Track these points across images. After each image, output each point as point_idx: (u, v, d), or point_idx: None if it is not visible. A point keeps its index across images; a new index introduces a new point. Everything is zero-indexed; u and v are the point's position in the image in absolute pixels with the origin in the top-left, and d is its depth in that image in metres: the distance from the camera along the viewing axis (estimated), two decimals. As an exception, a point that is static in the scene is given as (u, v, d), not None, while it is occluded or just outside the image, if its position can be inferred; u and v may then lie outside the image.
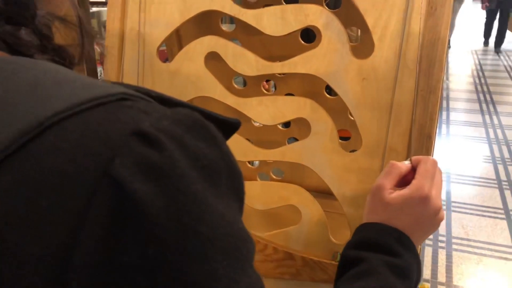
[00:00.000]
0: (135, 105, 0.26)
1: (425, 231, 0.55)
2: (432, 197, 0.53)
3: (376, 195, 0.55)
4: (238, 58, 0.73)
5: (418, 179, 0.54)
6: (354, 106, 0.67)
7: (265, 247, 0.72)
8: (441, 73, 0.62)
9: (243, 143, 0.74)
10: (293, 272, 0.70)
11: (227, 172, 0.28)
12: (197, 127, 0.27)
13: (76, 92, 0.26)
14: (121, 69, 0.79)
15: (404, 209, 0.53)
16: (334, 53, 0.68)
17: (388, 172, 0.56)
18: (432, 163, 0.55)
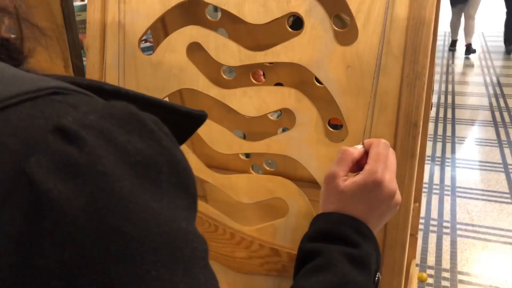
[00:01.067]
0: (65, 99, 0.25)
1: (382, 215, 0.54)
2: (385, 181, 0.52)
3: (329, 184, 0.54)
4: (220, 48, 0.71)
5: (370, 163, 0.53)
6: (338, 94, 0.65)
7: (250, 243, 0.70)
8: (426, 59, 0.60)
9: (227, 136, 0.73)
10: (279, 268, 0.69)
11: (169, 168, 0.26)
12: (131, 121, 0.25)
13: (1, 87, 0.24)
14: (104, 61, 0.78)
15: (359, 196, 0.52)
16: (318, 40, 0.65)
17: (340, 159, 0.55)
18: (384, 146, 0.54)
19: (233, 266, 0.72)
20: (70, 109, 0.24)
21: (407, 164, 0.62)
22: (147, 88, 0.76)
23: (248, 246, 0.71)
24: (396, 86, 0.62)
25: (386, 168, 0.53)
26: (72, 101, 0.25)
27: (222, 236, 0.72)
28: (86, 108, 0.25)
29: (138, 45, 0.76)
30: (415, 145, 0.61)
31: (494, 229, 2.25)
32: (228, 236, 0.72)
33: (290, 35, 0.85)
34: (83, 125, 0.24)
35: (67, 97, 0.25)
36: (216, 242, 0.73)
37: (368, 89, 0.63)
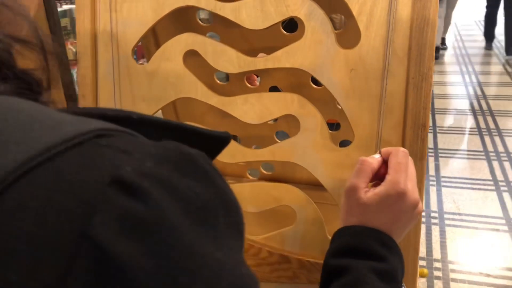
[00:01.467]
0: (113, 144, 0.23)
1: (405, 226, 0.53)
2: (409, 191, 0.51)
3: (351, 197, 0.53)
4: (218, 55, 0.69)
5: (392, 174, 0.52)
6: (343, 98, 0.64)
7: (259, 250, 0.69)
8: (432, 59, 0.59)
9: (230, 145, 0.71)
10: (289, 275, 0.68)
11: (224, 209, 0.25)
12: (185, 162, 0.24)
13: (43, 135, 0.22)
14: (96, 72, 0.75)
15: (382, 208, 0.51)
16: (319, 44, 0.64)
17: (360, 170, 0.54)
18: (403, 154, 0.53)
19: None
20: (122, 156, 0.22)
21: (417, 166, 0.61)
22: (143, 98, 0.73)
23: (257, 254, 0.69)
24: (402, 88, 0.61)
25: (408, 177, 0.52)
26: (121, 145, 0.23)
27: None
28: (140, 153, 0.23)
29: (131, 54, 0.73)
30: (424, 146, 0.61)
31: (480, 216, 2.29)
32: None
33: (285, 38, 0.84)
34: (142, 174, 0.22)
35: (113, 140, 0.23)
36: None
37: (373, 92, 0.63)
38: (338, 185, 0.66)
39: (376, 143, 0.63)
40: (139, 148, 0.23)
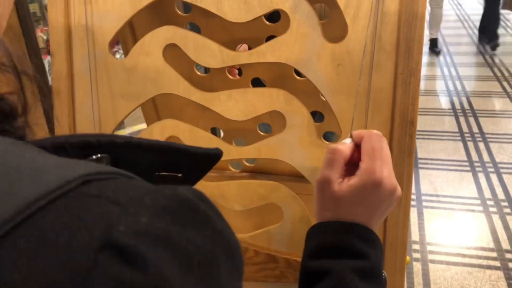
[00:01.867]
0: (103, 193, 0.20)
1: (383, 213, 0.50)
2: (385, 178, 0.47)
3: (324, 190, 0.49)
4: (200, 49, 0.66)
5: (366, 162, 0.48)
6: (330, 93, 0.63)
7: (245, 250, 0.68)
8: (421, 54, 0.58)
9: (215, 143, 0.69)
10: (277, 274, 0.67)
11: (225, 254, 0.23)
12: (184, 211, 0.22)
13: (21, 188, 0.19)
14: (71, 69, 0.72)
15: (358, 199, 0.48)
16: (305, 38, 0.62)
17: (332, 160, 0.50)
18: (376, 138, 0.50)
19: None
20: (114, 210, 0.20)
21: (405, 162, 0.61)
22: (122, 94, 0.70)
23: (243, 253, 0.68)
24: (390, 84, 0.60)
25: (383, 163, 0.48)
26: (111, 195, 0.20)
27: None
28: (133, 206, 0.20)
29: (108, 49, 0.70)
30: (412, 143, 0.60)
31: (457, 197, 2.33)
32: None
33: (268, 28, 0.81)
34: (138, 233, 0.19)
35: (102, 187, 0.21)
36: None
37: (360, 87, 0.61)
38: (326, 182, 0.65)
39: (364, 139, 0.62)
40: (132, 198, 0.21)
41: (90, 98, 0.72)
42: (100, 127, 0.72)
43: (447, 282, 1.80)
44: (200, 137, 0.69)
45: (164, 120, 0.70)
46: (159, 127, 0.70)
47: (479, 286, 1.77)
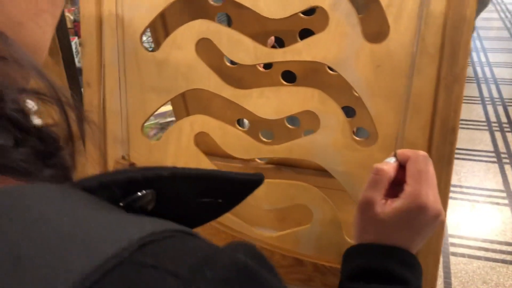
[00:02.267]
0: (160, 263, 0.19)
1: (425, 238, 0.49)
2: (430, 203, 0.46)
3: (366, 212, 0.48)
4: (234, 45, 0.65)
5: (411, 185, 0.47)
6: (367, 96, 0.61)
7: (271, 254, 0.67)
8: (466, 59, 0.55)
9: (244, 140, 0.67)
10: (303, 278, 0.66)
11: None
12: (245, 281, 0.20)
13: (75, 258, 0.18)
14: (102, 60, 0.70)
15: (402, 223, 0.46)
16: (344, 37, 0.60)
17: (375, 181, 0.48)
18: (423, 160, 0.48)
19: None
20: (173, 284, 0.18)
21: (443, 171, 0.59)
22: (153, 88, 0.69)
23: (269, 257, 0.67)
24: (431, 88, 0.58)
25: (429, 187, 0.47)
26: (169, 264, 0.19)
27: None
28: (193, 278, 0.19)
29: (139, 41, 0.68)
30: (452, 151, 0.58)
31: (481, 189, 2.29)
32: None
33: (302, 21, 0.79)
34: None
35: (159, 253, 0.19)
36: None
37: (400, 90, 0.59)
38: (359, 186, 0.63)
39: (401, 144, 0.60)
40: (191, 268, 0.19)
41: (118, 90, 0.71)
42: (127, 120, 0.71)
43: (468, 276, 1.78)
44: (230, 134, 0.68)
45: (194, 116, 0.69)
46: (188, 123, 0.69)
47: (501, 282, 1.74)
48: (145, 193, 0.25)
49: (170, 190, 0.27)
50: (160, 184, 0.26)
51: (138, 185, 0.25)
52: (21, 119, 0.23)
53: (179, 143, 0.70)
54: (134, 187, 0.25)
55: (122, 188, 0.24)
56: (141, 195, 0.25)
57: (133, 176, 0.24)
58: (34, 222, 0.18)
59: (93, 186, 0.23)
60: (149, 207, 0.26)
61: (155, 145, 0.71)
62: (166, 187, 0.26)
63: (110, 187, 0.24)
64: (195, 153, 0.70)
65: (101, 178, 0.24)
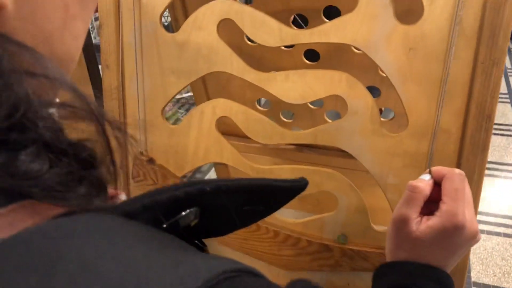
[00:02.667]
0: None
1: (460, 257, 0.48)
2: (467, 223, 0.45)
3: (401, 229, 0.47)
4: (257, 26, 0.62)
5: (448, 203, 0.45)
6: (399, 80, 0.58)
7: (298, 240, 0.66)
8: (506, 43, 0.52)
9: (267, 125, 0.65)
10: (332, 263, 0.65)
11: None
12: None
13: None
14: (120, 41, 0.68)
15: (437, 242, 0.45)
16: (374, 18, 0.57)
17: (411, 199, 0.47)
18: (459, 178, 0.47)
19: (280, 264, 0.68)
20: None
21: (477, 158, 0.56)
22: (173, 70, 0.67)
23: (295, 244, 0.66)
24: (467, 73, 0.54)
25: (466, 206, 0.45)
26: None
27: (266, 235, 0.67)
28: None
29: (159, 21, 0.66)
30: (488, 138, 0.55)
31: (502, 164, 2.25)
32: (271, 235, 0.67)
33: None
34: None
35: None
36: (260, 241, 0.68)
37: (434, 75, 0.56)
38: (387, 173, 0.61)
39: (432, 131, 0.57)
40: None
41: (137, 72, 0.68)
42: (145, 103, 0.69)
43: (487, 252, 1.77)
44: (253, 119, 0.66)
45: (216, 100, 0.67)
46: (210, 106, 0.67)
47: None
48: (189, 212, 0.24)
49: (214, 203, 0.25)
50: (205, 199, 0.24)
51: (181, 204, 0.23)
52: (56, 140, 0.22)
53: (201, 128, 0.68)
54: (177, 206, 0.23)
55: (164, 209, 0.23)
56: (184, 215, 0.23)
57: (175, 195, 0.23)
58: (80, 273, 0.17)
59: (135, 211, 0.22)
60: (192, 224, 0.25)
61: (175, 129, 0.69)
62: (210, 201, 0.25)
63: (153, 209, 0.22)
64: (217, 138, 0.68)
65: (143, 200, 0.22)
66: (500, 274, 1.67)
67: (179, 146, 0.70)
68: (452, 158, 0.58)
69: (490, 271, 1.68)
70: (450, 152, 0.58)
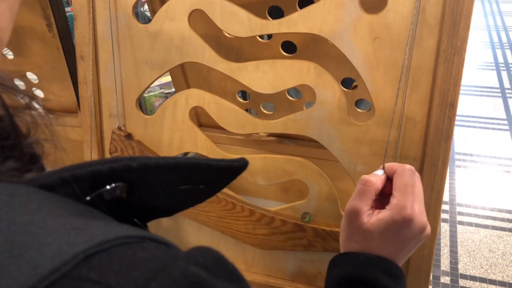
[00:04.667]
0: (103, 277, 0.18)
1: (410, 251, 0.49)
2: (416, 216, 0.46)
3: (353, 221, 0.48)
4: (228, 17, 0.62)
5: (398, 197, 0.47)
6: (364, 69, 0.59)
7: (272, 220, 0.67)
8: (467, 31, 0.53)
9: (239, 115, 0.66)
10: (304, 243, 0.66)
11: None
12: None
13: (17, 273, 0.17)
14: (94, 33, 0.69)
15: (387, 234, 0.46)
16: (341, 8, 0.57)
17: (363, 191, 0.48)
18: (409, 174, 0.48)
19: (254, 243, 0.69)
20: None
21: (441, 146, 0.57)
22: (146, 61, 0.68)
23: (270, 223, 0.67)
24: (431, 61, 0.55)
25: (415, 200, 0.47)
26: (113, 281, 0.18)
27: (241, 213, 0.68)
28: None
29: (132, 12, 0.67)
30: (451, 126, 0.56)
31: (492, 158, 2.26)
32: (247, 213, 0.68)
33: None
34: None
35: (104, 266, 0.18)
36: (235, 220, 0.69)
37: (398, 63, 0.57)
38: (355, 161, 0.62)
39: (398, 119, 0.58)
40: (137, 283, 0.18)
41: (112, 63, 0.69)
42: (122, 94, 0.70)
43: (475, 244, 1.78)
44: (226, 108, 0.66)
45: (189, 89, 0.68)
46: (183, 96, 0.68)
47: (508, 250, 1.74)
48: (113, 187, 0.24)
49: (144, 180, 0.26)
50: (131, 176, 0.25)
51: (106, 178, 0.24)
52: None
53: (175, 118, 0.69)
54: (101, 180, 0.24)
55: (87, 182, 0.23)
56: (109, 189, 0.24)
57: (97, 170, 0.23)
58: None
59: (52, 183, 0.22)
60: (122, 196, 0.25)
61: (150, 119, 0.70)
62: (138, 178, 0.25)
63: (74, 182, 0.23)
64: (190, 127, 0.69)
65: (61, 174, 0.23)
66: (487, 266, 1.68)
67: (154, 136, 0.71)
68: (417, 146, 0.58)
69: (477, 263, 1.70)
70: (415, 140, 0.58)
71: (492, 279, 1.63)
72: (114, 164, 0.24)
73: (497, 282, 1.61)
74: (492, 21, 3.93)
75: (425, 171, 0.58)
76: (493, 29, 3.77)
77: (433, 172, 0.58)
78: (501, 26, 3.81)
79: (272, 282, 0.71)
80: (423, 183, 0.58)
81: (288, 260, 0.71)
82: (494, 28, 3.79)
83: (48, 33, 0.93)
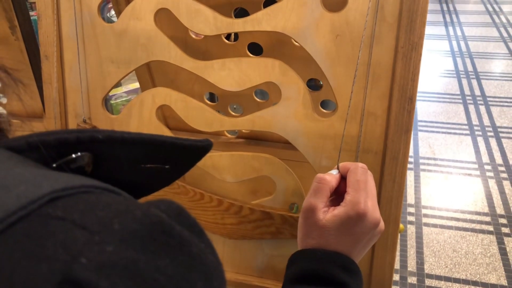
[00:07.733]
0: (68, 214, 0.18)
1: (365, 246, 0.51)
2: (369, 211, 0.48)
3: (309, 218, 0.50)
4: (193, 15, 0.63)
5: (351, 194, 0.49)
6: (327, 66, 0.60)
7: (240, 209, 0.67)
8: (423, 28, 0.55)
9: (207, 112, 0.67)
10: (273, 231, 0.67)
11: (203, 278, 0.21)
12: (155, 235, 0.20)
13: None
14: (59, 32, 0.69)
15: (342, 230, 0.48)
16: (303, 6, 0.59)
17: (318, 189, 0.50)
18: (362, 171, 0.51)
19: (223, 233, 0.70)
20: (78, 236, 0.18)
21: (402, 139, 0.59)
22: (112, 60, 0.68)
23: (238, 212, 0.68)
24: (390, 57, 0.58)
25: (368, 196, 0.49)
26: (77, 217, 0.18)
27: (209, 203, 0.69)
28: (100, 232, 0.18)
29: (97, 11, 0.67)
30: (410, 119, 0.58)
31: (454, 161, 2.33)
32: (215, 203, 0.68)
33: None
34: (101, 266, 0.17)
35: (69, 206, 0.19)
36: (203, 210, 0.69)
37: (360, 60, 0.59)
38: (320, 156, 0.63)
39: (360, 114, 0.60)
40: (100, 221, 0.19)
41: (77, 62, 0.69)
42: (88, 94, 0.70)
43: (439, 245, 1.83)
44: (193, 107, 0.67)
45: (156, 88, 0.68)
46: (150, 95, 0.68)
47: (470, 249, 1.79)
48: (79, 155, 0.25)
49: (109, 154, 0.26)
50: (97, 148, 0.25)
51: (72, 147, 0.24)
52: None
53: (141, 117, 0.69)
54: (67, 149, 0.24)
55: (53, 150, 0.24)
56: (75, 157, 0.24)
57: (65, 138, 0.24)
58: None
59: (19, 146, 0.23)
60: (87, 169, 0.25)
61: (116, 119, 0.70)
62: (103, 150, 0.26)
63: (38, 148, 0.23)
64: (158, 127, 0.69)
65: (29, 138, 0.23)
66: (452, 265, 1.73)
67: (121, 136, 0.71)
68: (379, 140, 0.60)
69: (442, 263, 1.74)
70: (377, 134, 0.60)
71: (456, 278, 1.67)
72: (80, 134, 0.24)
73: (461, 280, 1.66)
74: (452, 31, 4.07)
75: (386, 164, 0.60)
76: (453, 38, 3.90)
77: (394, 164, 0.60)
78: (461, 36, 3.95)
79: (241, 279, 0.72)
80: (385, 176, 0.61)
81: (257, 256, 0.72)
82: (454, 37, 3.92)
83: (11, 36, 0.92)
